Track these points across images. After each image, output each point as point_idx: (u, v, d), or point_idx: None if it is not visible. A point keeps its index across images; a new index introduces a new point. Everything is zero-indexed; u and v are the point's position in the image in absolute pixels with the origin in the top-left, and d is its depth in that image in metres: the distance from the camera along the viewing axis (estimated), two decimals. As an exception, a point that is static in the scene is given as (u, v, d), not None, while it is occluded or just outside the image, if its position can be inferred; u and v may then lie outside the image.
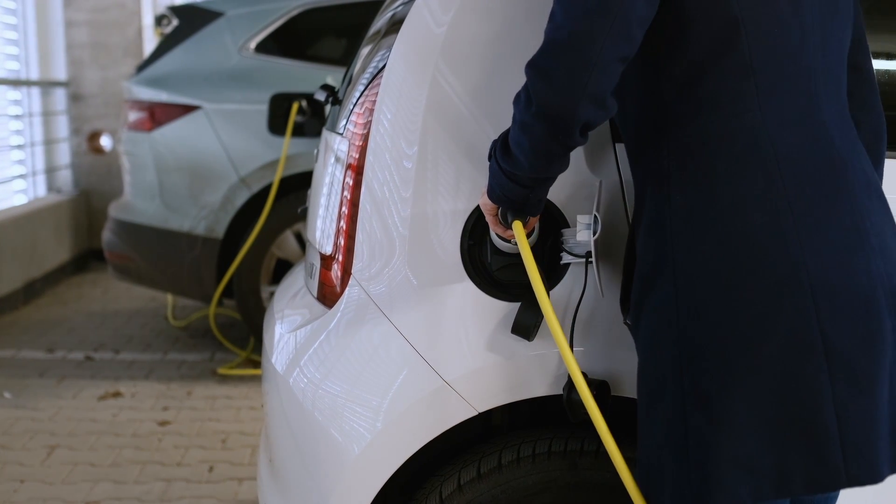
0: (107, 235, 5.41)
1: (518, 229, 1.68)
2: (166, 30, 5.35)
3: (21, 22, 7.38)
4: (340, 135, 2.08)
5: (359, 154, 1.94)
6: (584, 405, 1.69)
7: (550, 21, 1.52)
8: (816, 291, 1.51)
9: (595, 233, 1.70)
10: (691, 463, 1.53)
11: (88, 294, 6.86)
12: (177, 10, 5.42)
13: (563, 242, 1.78)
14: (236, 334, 5.56)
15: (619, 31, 1.47)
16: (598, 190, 1.76)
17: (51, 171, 7.64)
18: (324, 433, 1.89)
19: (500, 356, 1.80)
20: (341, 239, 1.98)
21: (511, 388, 1.82)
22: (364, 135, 1.94)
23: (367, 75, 2.03)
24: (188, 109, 5.08)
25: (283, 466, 2.06)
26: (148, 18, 7.98)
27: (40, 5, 7.57)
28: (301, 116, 4.85)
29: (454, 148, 1.85)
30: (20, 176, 7.20)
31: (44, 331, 5.84)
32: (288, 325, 2.14)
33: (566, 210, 1.80)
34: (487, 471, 1.84)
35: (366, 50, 2.22)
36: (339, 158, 2.06)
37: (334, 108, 2.53)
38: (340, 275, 1.97)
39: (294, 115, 4.82)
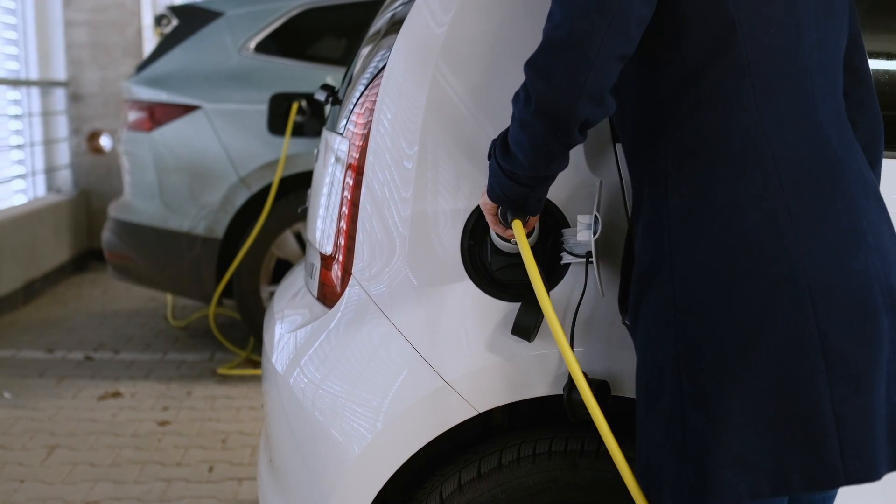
0: (106, 235, 5.41)
1: (518, 229, 1.68)
2: (166, 30, 5.35)
3: (21, 22, 7.38)
4: (340, 135, 2.08)
5: (359, 154, 1.94)
6: (584, 405, 1.70)
7: (549, 21, 1.53)
8: (814, 290, 1.51)
9: (595, 233, 1.70)
10: (690, 462, 1.54)
11: (88, 294, 6.86)
12: (176, 10, 5.42)
13: (563, 242, 1.78)
14: (236, 334, 5.56)
15: (618, 30, 1.48)
16: (599, 190, 1.76)
17: (50, 171, 7.64)
18: (324, 433, 1.89)
19: (501, 356, 1.80)
20: (341, 239, 1.98)
21: (511, 388, 1.82)
22: (364, 135, 1.94)
23: (368, 75, 2.03)
24: (188, 109, 5.07)
25: (284, 466, 2.06)
26: (147, 18, 7.98)
27: (40, 5, 7.56)
28: (301, 116, 4.85)
29: (454, 148, 1.85)
30: (20, 176, 7.19)
31: (43, 331, 5.84)
32: (288, 325, 2.14)
33: (566, 210, 1.80)
34: (488, 471, 1.84)
35: (366, 50, 2.22)
36: (339, 158, 2.06)
37: (334, 108, 2.53)
38: (341, 275, 1.97)
39: (294, 115, 4.82)
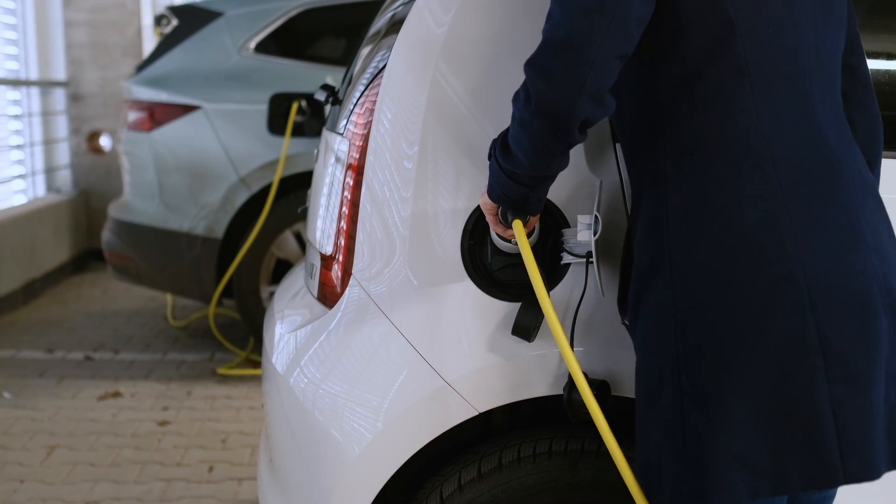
0: (106, 235, 5.41)
1: (518, 229, 1.68)
2: (166, 30, 5.35)
3: (20, 22, 7.38)
4: (341, 135, 2.08)
5: (359, 154, 1.94)
6: (584, 405, 1.70)
7: (548, 21, 1.53)
8: (812, 290, 1.51)
9: (596, 233, 1.70)
10: (689, 461, 1.54)
11: (88, 294, 6.86)
12: (176, 10, 5.42)
13: (563, 242, 1.78)
14: (236, 334, 5.56)
15: (617, 29, 1.48)
16: (599, 190, 1.76)
17: (50, 171, 7.64)
18: (324, 433, 1.89)
19: (501, 356, 1.80)
20: (342, 239, 1.98)
21: (512, 389, 1.82)
22: (364, 135, 1.94)
23: (368, 75, 2.03)
24: (188, 109, 5.07)
25: (284, 466, 2.06)
26: (147, 18, 7.98)
27: (39, 5, 7.56)
28: (301, 116, 4.85)
29: (454, 148, 1.85)
30: (19, 176, 7.19)
31: (43, 331, 5.84)
32: (288, 325, 2.14)
33: (566, 210, 1.80)
34: (488, 471, 1.84)
35: (366, 50, 2.22)
36: (339, 158, 2.06)
37: (334, 108, 2.53)
38: (341, 275, 1.97)
39: (294, 115, 4.82)
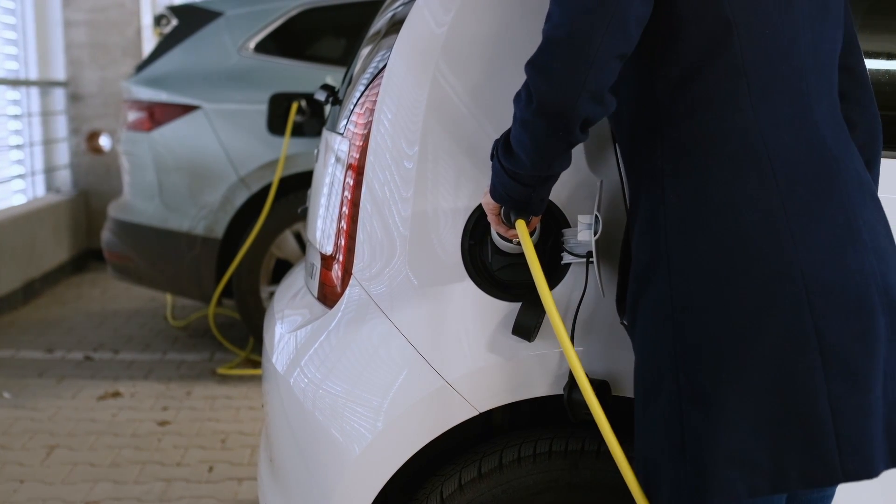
0: (106, 235, 5.41)
1: (521, 228, 1.68)
2: (165, 30, 5.35)
3: (20, 22, 7.38)
4: (341, 135, 2.08)
5: (359, 154, 1.94)
6: (585, 405, 1.70)
7: (548, 21, 1.53)
8: (810, 288, 1.52)
9: (596, 233, 1.70)
10: (688, 460, 1.54)
11: (87, 294, 6.86)
12: (176, 10, 5.42)
13: (563, 242, 1.78)
14: (236, 334, 5.56)
15: (617, 29, 1.49)
16: (599, 190, 1.76)
17: (50, 171, 7.64)
18: (324, 433, 1.89)
19: (501, 356, 1.80)
20: (342, 239, 1.98)
21: (512, 388, 1.82)
22: (365, 135, 1.94)
23: (368, 75, 2.03)
24: (187, 109, 5.07)
25: (284, 466, 2.06)
26: (147, 18, 7.98)
27: (39, 5, 7.56)
28: (300, 116, 4.85)
29: (455, 147, 1.85)
30: (19, 176, 7.19)
31: (43, 331, 5.84)
32: (288, 325, 2.14)
33: (567, 210, 1.80)
34: (488, 470, 1.84)
35: (366, 50, 2.22)
36: (339, 158, 2.06)
37: (334, 108, 2.53)
38: (341, 275, 1.97)
39: (293, 115, 4.82)
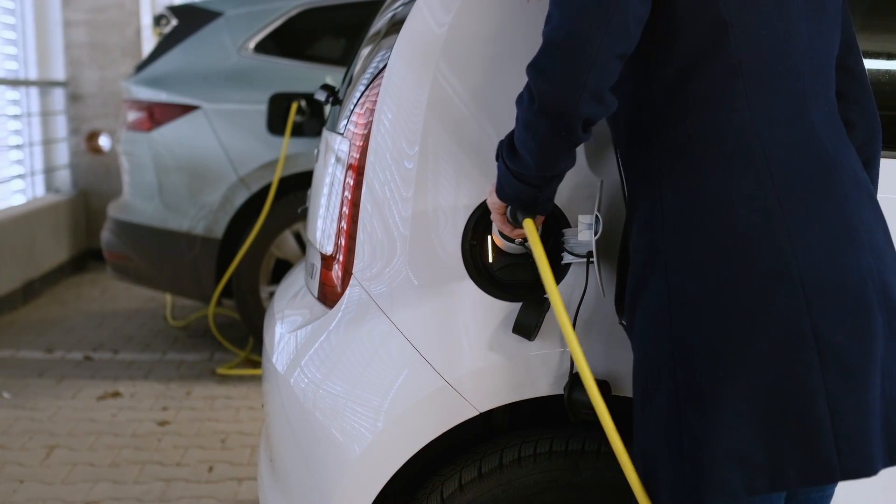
0: (106, 235, 5.41)
1: (529, 227, 1.68)
2: (165, 30, 5.35)
3: (20, 22, 7.37)
4: (341, 135, 2.08)
5: (359, 154, 1.94)
6: (585, 405, 1.72)
7: (548, 23, 1.54)
8: (807, 286, 1.52)
9: (596, 233, 1.70)
10: (686, 458, 1.54)
11: (87, 294, 6.86)
12: (176, 10, 5.42)
13: (564, 242, 1.78)
14: (235, 334, 5.56)
15: (616, 29, 1.49)
16: (600, 190, 1.76)
17: (49, 171, 7.64)
18: (325, 433, 1.89)
19: (502, 356, 1.80)
20: (342, 239, 1.98)
21: (512, 388, 1.82)
22: (365, 135, 1.94)
23: (368, 75, 2.03)
24: (187, 109, 5.07)
25: (284, 466, 2.06)
26: (147, 18, 7.98)
27: (39, 5, 7.56)
28: (300, 116, 4.85)
29: (455, 148, 1.85)
30: (19, 176, 7.19)
31: (43, 331, 5.84)
32: (288, 325, 2.14)
33: (567, 210, 1.81)
34: (489, 470, 1.84)
35: (366, 50, 2.22)
36: (339, 158, 2.06)
37: (334, 108, 2.53)
38: (341, 275, 1.97)
39: (293, 115, 4.82)
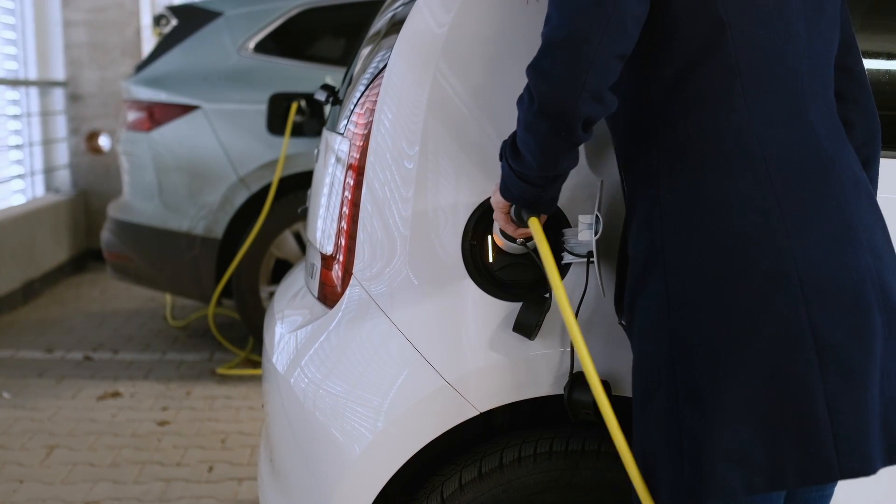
0: (105, 235, 5.41)
1: (535, 225, 1.68)
2: (165, 30, 5.35)
3: (19, 22, 7.37)
4: (341, 135, 2.08)
5: (360, 154, 1.94)
6: (585, 405, 1.72)
7: (547, 24, 1.54)
8: (806, 286, 1.52)
9: (597, 233, 1.70)
10: (685, 458, 1.54)
11: (87, 294, 6.86)
12: (175, 10, 5.42)
13: (564, 242, 1.78)
14: (235, 334, 5.56)
15: (615, 29, 1.50)
16: (600, 190, 1.76)
17: (49, 171, 7.64)
18: (325, 433, 1.89)
19: (502, 356, 1.80)
20: (342, 239, 1.98)
21: (512, 388, 1.82)
22: (365, 135, 1.94)
23: (368, 75, 2.03)
24: (187, 109, 5.07)
25: (284, 466, 2.06)
26: (146, 18, 7.98)
27: (38, 5, 7.56)
28: (300, 116, 4.85)
29: (455, 147, 1.85)
30: (18, 176, 7.19)
31: (42, 331, 5.84)
32: (288, 325, 2.14)
33: (567, 210, 1.81)
34: (489, 470, 1.84)
35: (366, 50, 2.22)
36: (339, 158, 2.06)
37: (335, 108, 2.53)
38: (341, 275, 1.97)
39: (293, 115, 4.82)
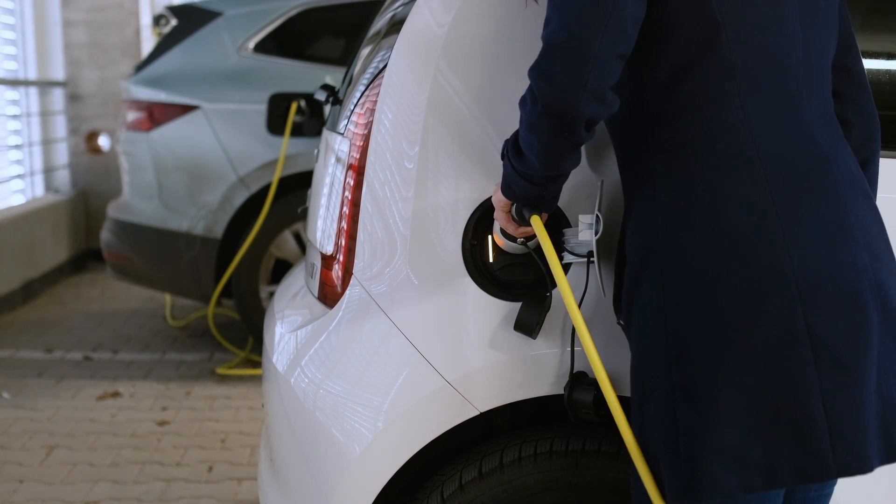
0: (105, 235, 5.41)
1: (537, 223, 1.68)
2: (164, 30, 5.35)
3: (19, 22, 7.37)
4: (341, 135, 2.08)
5: (360, 154, 1.94)
6: (585, 404, 1.73)
7: (547, 26, 1.55)
8: (801, 284, 1.52)
9: (597, 232, 1.70)
10: (682, 456, 1.55)
11: (87, 294, 6.86)
12: (175, 10, 5.42)
13: (564, 242, 1.78)
14: (235, 334, 5.56)
15: (614, 29, 1.50)
16: (600, 189, 1.76)
17: (49, 171, 7.64)
18: (325, 433, 1.89)
19: (502, 356, 1.80)
20: (342, 239, 1.98)
21: (512, 388, 1.82)
22: (365, 135, 1.94)
23: (368, 75, 2.03)
24: (187, 109, 5.07)
25: (285, 466, 2.06)
26: (146, 18, 7.98)
27: (38, 5, 7.56)
28: (300, 116, 4.85)
29: (455, 147, 1.85)
30: (18, 176, 7.19)
31: (42, 331, 5.84)
32: (289, 325, 2.14)
33: (567, 210, 1.81)
34: (489, 470, 1.84)
35: (366, 50, 2.22)
36: (339, 158, 2.06)
37: (335, 108, 2.53)
38: (341, 275, 1.97)
39: (293, 115, 4.82)
